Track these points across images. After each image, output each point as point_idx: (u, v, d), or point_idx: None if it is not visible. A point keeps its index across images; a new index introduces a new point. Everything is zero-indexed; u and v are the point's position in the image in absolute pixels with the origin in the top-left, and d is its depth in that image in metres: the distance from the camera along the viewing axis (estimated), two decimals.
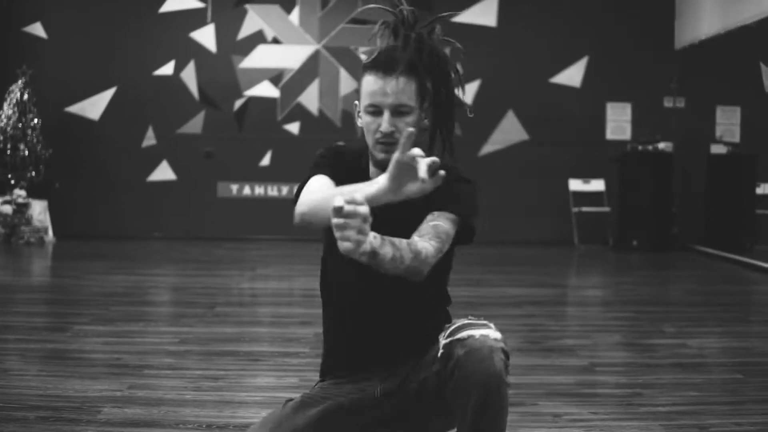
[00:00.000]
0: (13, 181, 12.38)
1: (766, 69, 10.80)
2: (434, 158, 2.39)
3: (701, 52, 12.69)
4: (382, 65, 2.83)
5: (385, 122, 2.81)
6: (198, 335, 6.52)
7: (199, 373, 5.36)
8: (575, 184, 13.54)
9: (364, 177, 2.86)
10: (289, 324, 7.06)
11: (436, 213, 2.79)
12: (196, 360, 5.74)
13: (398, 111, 2.82)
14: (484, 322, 2.69)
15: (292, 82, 13.45)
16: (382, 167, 2.77)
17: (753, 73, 11.16)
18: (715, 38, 12.20)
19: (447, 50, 2.93)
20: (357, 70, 13.42)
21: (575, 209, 13.43)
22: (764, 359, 6.18)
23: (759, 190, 12.20)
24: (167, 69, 13.34)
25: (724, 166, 12.90)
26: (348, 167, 2.94)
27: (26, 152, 12.39)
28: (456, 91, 2.94)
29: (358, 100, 2.93)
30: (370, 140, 2.89)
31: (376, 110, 2.84)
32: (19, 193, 12.25)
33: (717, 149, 12.89)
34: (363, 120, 2.90)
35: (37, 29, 13.34)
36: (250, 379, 5.28)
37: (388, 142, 2.83)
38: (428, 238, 2.69)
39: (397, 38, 2.89)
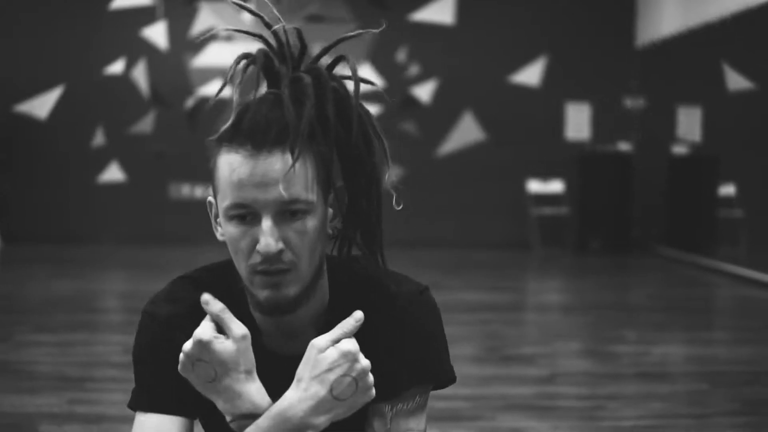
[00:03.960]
0: None
1: (729, 69, 10.70)
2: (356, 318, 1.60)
3: (662, 51, 12.60)
4: (250, 134, 1.58)
5: (266, 236, 1.56)
6: None
7: None
8: (534, 186, 13.39)
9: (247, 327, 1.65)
10: None
11: (398, 406, 1.74)
12: None
13: (288, 212, 1.58)
14: None
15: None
16: (267, 312, 1.64)
17: (715, 72, 11.06)
18: (676, 37, 12.12)
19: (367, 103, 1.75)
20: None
21: (534, 210, 13.29)
22: (730, 368, 6.06)
23: (720, 191, 12.09)
24: (117, 67, 13.06)
25: (686, 167, 12.82)
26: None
27: None
28: (384, 171, 1.71)
29: (213, 195, 1.67)
30: (242, 268, 1.63)
31: (247, 214, 1.59)
32: None
33: (678, 150, 12.81)
34: (225, 232, 1.63)
35: None
36: None
37: (275, 270, 1.59)
38: None
39: (274, 83, 1.69)
